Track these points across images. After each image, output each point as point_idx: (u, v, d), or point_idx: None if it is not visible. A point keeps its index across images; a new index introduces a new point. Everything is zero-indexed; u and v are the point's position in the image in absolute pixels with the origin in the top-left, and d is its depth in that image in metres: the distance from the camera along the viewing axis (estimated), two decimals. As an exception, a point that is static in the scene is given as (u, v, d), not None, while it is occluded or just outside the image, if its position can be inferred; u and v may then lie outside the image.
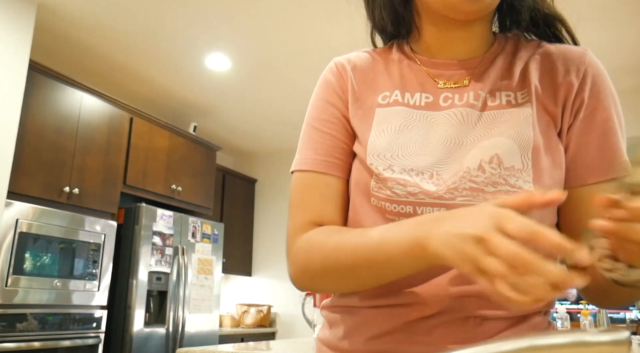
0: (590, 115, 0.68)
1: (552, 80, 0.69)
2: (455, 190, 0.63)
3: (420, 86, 0.73)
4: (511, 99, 0.68)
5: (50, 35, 3.23)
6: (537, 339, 0.34)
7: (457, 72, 0.72)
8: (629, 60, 3.61)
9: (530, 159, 0.63)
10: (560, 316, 2.36)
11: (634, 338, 1.79)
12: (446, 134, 0.67)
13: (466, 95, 0.70)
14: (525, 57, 0.72)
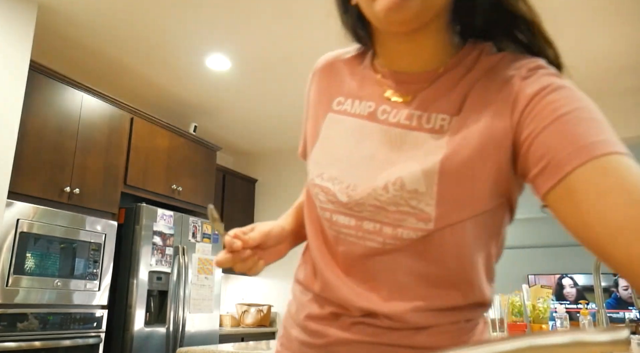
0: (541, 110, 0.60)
1: (491, 102, 0.65)
2: (362, 205, 0.68)
3: (369, 95, 0.75)
4: (444, 123, 0.67)
5: (50, 35, 3.23)
6: (536, 339, 0.34)
7: (404, 86, 0.72)
8: (629, 60, 3.62)
9: (435, 186, 0.63)
10: (559, 316, 2.36)
11: (633, 337, 1.79)
12: (372, 148, 0.71)
13: (401, 113, 0.71)
14: (473, 78, 0.68)
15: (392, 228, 0.66)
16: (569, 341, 0.33)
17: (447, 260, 0.66)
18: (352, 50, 0.86)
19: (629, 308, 8.37)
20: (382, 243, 0.67)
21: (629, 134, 4.14)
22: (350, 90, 0.78)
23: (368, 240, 0.68)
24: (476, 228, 0.65)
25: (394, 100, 0.72)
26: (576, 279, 9.01)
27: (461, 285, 0.68)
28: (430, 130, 0.67)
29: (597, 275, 1.73)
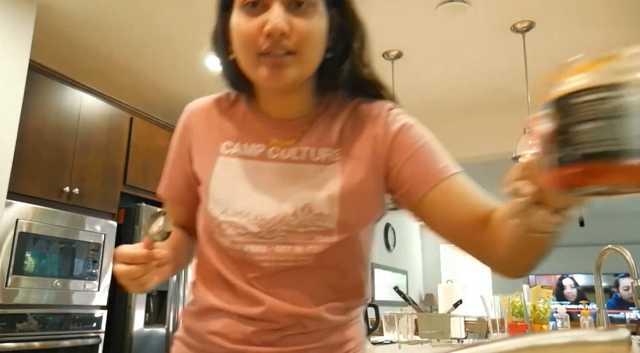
0: (403, 145, 0.81)
1: (364, 136, 0.83)
2: (274, 231, 0.79)
3: (256, 139, 0.85)
4: (329, 155, 0.82)
5: (50, 35, 3.23)
6: (537, 339, 0.34)
7: (286, 131, 0.84)
8: (629, 60, 3.61)
9: (337, 207, 0.78)
10: (560, 316, 2.36)
11: (634, 338, 1.79)
12: (271, 184, 0.81)
13: (291, 151, 0.83)
14: (343, 117, 0.85)
15: (302, 247, 0.78)
16: (569, 341, 0.33)
17: (346, 265, 0.82)
18: (223, 97, 0.91)
19: (630, 308, 8.36)
20: (295, 261, 0.79)
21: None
22: (236, 135, 0.86)
23: (281, 262, 0.79)
24: (365, 237, 0.84)
25: (278, 144, 0.84)
26: (577, 279, 9.01)
27: (357, 286, 0.85)
28: (318, 162, 0.82)
29: (597, 275, 1.72)
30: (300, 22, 0.75)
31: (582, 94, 0.44)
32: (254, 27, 0.75)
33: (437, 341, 1.97)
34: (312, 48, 0.77)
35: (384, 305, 5.35)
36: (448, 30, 3.21)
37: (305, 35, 0.75)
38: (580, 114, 0.44)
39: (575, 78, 0.45)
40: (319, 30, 0.77)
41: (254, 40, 0.75)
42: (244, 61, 0.78)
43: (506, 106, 4.37)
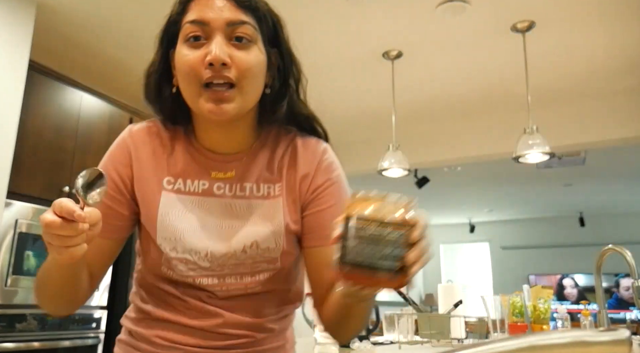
0: (322, 197, 0.89)
1: (297, 173, 0.89)
2: (223, 265, 0.85)
3: (199, 174, 0.87)
4: (270, 190, 0.88)
5: (50, 35, 3.22)
6: (537, 339, 0.34)
7: (227, 164, 0.88)
8: (629, 60, 3.61)
9: (282, 240, 0.86)
10: (560, 316, 2.35)
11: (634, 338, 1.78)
12: (218, 220, 0.86)
13: (235, 187, 0.87)
14: (281, 153, 0.90)
15: (250, 277, 0.86)
16: (569, 341, 0.33)
17: (290, 282, 0.92)
18: (162, 128, 0.91)
19: (630, 308, 8.36)
20: (244, 289, 0.87)
21: (629, 134, 4.14)
22: (178, 170, 0.88)
23: (232, 291, 0.86)
24: (299, 258, 0.92)
25: (221, 178, 0.87)
26: (577, 279, 9.01)
27: (298, 295, 0.95)
28: (262, 197, 0.88)
29: (598, 275, 1.72)
30: (240, 55, 0.79)
31: (354, 220, 0.61)
32: (196, 57, 0.78)
33: (437, 341, 1.97)
34: (252, 80, 0.81)
35: (384, 305, 5.35)
36: (448, 30, 3.21)
37: (245, 68, 0.79)
38: (351, 233, 0.61)
39: (357, 207, 0.63)
40: (258, 64, 0.82)
41: (197, 70, 0.78)
42: (187, 92, 0.81)
43: (506, 106, 4.37)
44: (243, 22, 0.80)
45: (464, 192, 7.71)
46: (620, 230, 8.52)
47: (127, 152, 0.88)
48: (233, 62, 0.78)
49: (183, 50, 0.81)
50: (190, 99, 0.81)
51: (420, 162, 4.82)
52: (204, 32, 0.79)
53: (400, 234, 0.61)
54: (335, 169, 0.92)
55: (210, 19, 0.79)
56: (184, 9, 0.84)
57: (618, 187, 7.26)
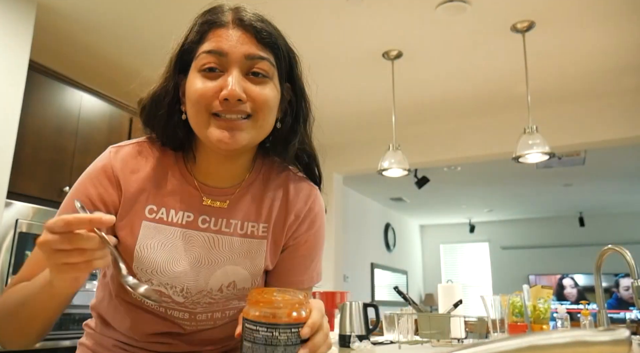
0: (298, 245, 0.90)
1: (287, 218, 0.89)
2: (198, 303, 0.85)
3: (185, 205, 0.84)
4: (255, 230, 0.87)
5: (50, 35, 3.22)
6: (537, 339, 0.34)
7: (220, 197, 0.86)
8: (629, 60, 3.61)
9: (259, 280, 0.88)
10: (560, 316, 2.35)
11: (634, 338, 1.78)
12: (199, 255, 0.84)
13: (220, 222, 0.85)
14: (272, 194, 0.89)
15: (221, 313, 0.87)
16: (569, 341, 0.33)
17: None
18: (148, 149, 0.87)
19: (630, 308, 8.36)
20: (213, 324, 0.88)
21: (629, 134, 4.14)
22: (164, 199, 0.84)
23: (201, 325, 0.88)
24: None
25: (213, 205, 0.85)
26: (577, 279, 9.00)
27: None
28: (245, 235, 0.86)
29: (597, 275, 1.72)
30: (256, 89, 0.77)
31: (248, 322, 0.64)
32: (210, 89, 0.76)
33: (437, 341, 1.97)
34: (267, 114, 0.79)
35: (384, 305, 5.35)
36: (448, 30, 3.21)
37: (261, 101, 0.77)
38: (246, 334, 0.64)
39: (252, 308, 0.64)
40: (272, 99, 0.80)
41: (209, 101, 0.76)
42: (195, 120, 0.78)
43: (506, 106, 4.37)
44: (261, 58, 0.78)
45: (464, 192, 7.71)
46: (620, 230, 8.52)
47: (113, 177, 0.83)
48: (249, 96, 0.76)
49: (197, 79, 0.78)
50: (198, 127, 0.79)
51: (420, 162, 4.82)
52: (221, 63, 0.77)
53: (292, 333, 0.63)
54: (319, 219, 0.93)
55: (228, 50, 0.77)
56: (201, 38, 0.81)
57: (618, 187, 7.25)
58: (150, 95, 0.87)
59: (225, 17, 0.80)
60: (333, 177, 5.23)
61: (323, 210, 0.94)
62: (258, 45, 0.78)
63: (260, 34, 0.78)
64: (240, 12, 0.80)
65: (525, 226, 9.52)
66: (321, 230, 0.93)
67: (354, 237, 7.14)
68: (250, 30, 0.78)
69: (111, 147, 0.87)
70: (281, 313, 0.63)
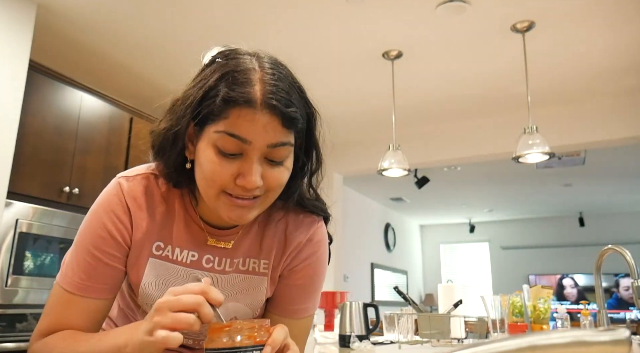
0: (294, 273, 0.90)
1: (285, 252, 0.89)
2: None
3: (190, 243, 0.85)
4: (256, 266, 0.88)
5: (50, 35, 3.22)
6: (537, 339, 0.34)
7: (224, 237, 0.86)
8: (629, 60, 3.61)
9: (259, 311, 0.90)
10: (560, 316, 2.35)
11: (634, 338, 1.78)
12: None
13: (224, 261, 0.86)
14: (272, 230, 0.89)
15: None
16: (569, 341, 0.33)
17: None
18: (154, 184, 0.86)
19: (630, 308, 8.36)
20: None
21: (629, 134, 4.14)
22: (171, 236, 0.84)
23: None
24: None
25: (217, 246, 0.86)
26: (577, 279, 9.00)
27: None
28: (246, 271, 0.88)
29: (597, 275, 1.72)
30: (273, 174, 0.75)
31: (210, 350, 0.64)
32: (227, 172, 0.73)
33: (437, 341, 1.97)
34: (278, 192, 0.78)
35: (384, 305, 5.34)
36: (448, 30, 3.21)
37: (275, 185, 0.76)
38: None
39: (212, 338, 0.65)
40: (286, 178, 0.78)
41: (224, 181, 0.73)
42: (204, 191, 0.76)
43: (506, 106, 4.37)
44: (283, 144, 0.74)
45: (464, 192, 7.71)
46: (620, 230, 8.52)
47: (125, 209, 0.82)
48: (264, 181, 0.74)
49: (213, 156, 0.73)
50: (206, 197, 0.77)
51: (420, 162, 4.82)
52: (241, 148, 0.72)
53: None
54: (319, 249, 0.91)
55: (252, 139, 0.71)
56: (224, 108, 0.73)
57: (618, 187, 7.25)
58: (161, 135, 0.82)
59: (254, 92, 0.72)
60: (333, 177, 5.23)
61: (325, 241, 0.93)
62: (283, 129, 0.73)
63: (287, 117, 0.73)
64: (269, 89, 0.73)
65: (525, 226, 9.52)
66: (321, 259, 0.92)
67: (354, 237, 7.14)
68: (278, 115, 0.72)
69: (119, 178, 0.87)
70: (242, 337, 0.64)
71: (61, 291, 0.80)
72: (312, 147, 0.85)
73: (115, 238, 0.81)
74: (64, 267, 0.82)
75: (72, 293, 0.79)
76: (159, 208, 0.84)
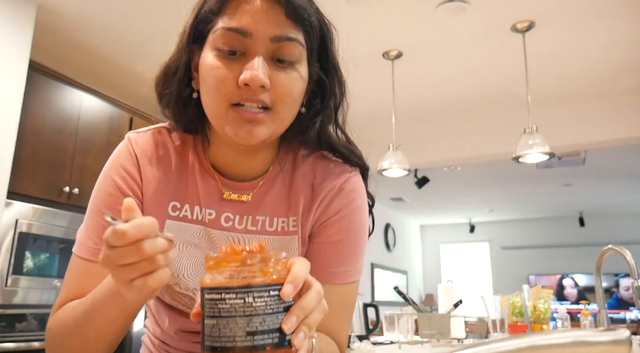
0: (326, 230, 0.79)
1: (313, 205, 0.79)
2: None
3: (207, 200, 0.77)
4: (285, 225, 0.78)
5: (50, 35, 3.22)
6: (537, 339, 0.34)
7: (241, 190, 0.77)
8: (629, 60, 3.61)
9: None
10: (560, 316, 2.35)
11: (634, 338, 1.78)
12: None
13: (245, 219, 0.77)
14: (299, 183, 0.80)
15: None
16: (569, 341, 0.33)
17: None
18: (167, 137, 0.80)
19: (630, 308, 8.36)
20: None
21: (629, 134, 4.14)
22: (186, 193, 0.76)
23: None
24: None
25: (234, 199, 0.77)
26: (577, 279, 9.00)
27: None
28: (275, 232, 0.78)
29: (598, 275, 1.72)
30: (282, 77, 0.68)
31: (208, 291, 0.48)
32: (229, 74, 0.67)
33: (437, 341, 1.97)
34: (290, 106, 0.71)
35: (384, 305, 5.35)
36: (448, 30, 3.21)
37: (284, 93, 0.68)
38: (207, 309, 0.48)
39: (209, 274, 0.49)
40: (298, 87, 0.71)
41: (228, 88, 0.67)
42: (211, 109, 0.70)
43: (506, 106, 4.37)
44: (290, 39, 0.68)
45: (464, 192, 7.71)
46: (620, 230, 8.52)
47: (135, 161, 0.77)
48: (272, 85, 0.67)
49: (213, 60, 0.68)
50: (213, 117, 0.71)
51: (420, 162, 4.82)
52: (242, 44, 0.67)
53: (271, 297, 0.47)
54: (353, 200, 0.80)
55: (252, 30, 0.66)
56: (222, 6, 0.69)
57: (618, 187, 7.25)
58: (162, 69, 0.78)
59: None
60: (333, 177, 5.23)
61: (361, 192, 0.81)
62: (287, 22, 0.67)
63: (292, 7, 0.67)
64: None
65: (526, 226, 9.52)
66: (357, 212, 0.80)
67: (354, 237, 7.13)
68: (280, 2, 0.66)
69: (129, 134, 0.80)
70: (254, 272, 0.47)
71: (76, 260, 0.74)
72: (332, 69, 0.76)
73: (126, 194, 0.75)
74: (78, 236, 0.76)
75: (87, 260, 0.73)
76: (172, 164, 0.77)
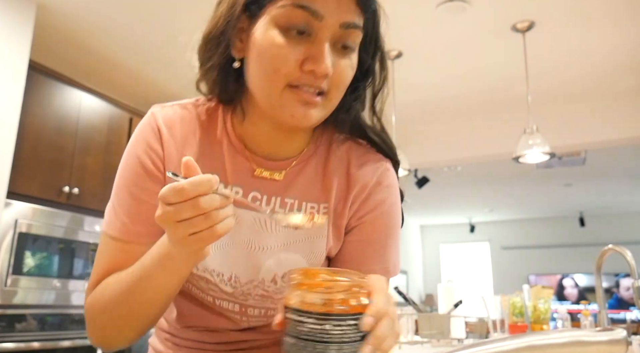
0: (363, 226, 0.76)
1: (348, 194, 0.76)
2: (249, 295, 0.75)
3: (234, 177, 0.73)
4: (315, 211, 0.75)
5: (50, 35, 3.22)
6: (536, 339, 0.34)
7: (274, 168, 0.74)
8: (629, 60, 3.61)
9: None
10: (560, 316, 2.35)
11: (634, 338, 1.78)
12: (247, 238, 0.73)
13: (274, 200, 0.73)
14: (333, 167, 0.76)
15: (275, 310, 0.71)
16: (568, 341, 0.33)
17: None
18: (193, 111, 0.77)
19: (630, 308, 8.36)
20: (266, 321, 0.77)
21: (629, 134, 4.14)
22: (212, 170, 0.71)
23: (253, 321, 0.77)
24: None
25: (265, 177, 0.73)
26: (577, 280, 9.00)
27: None
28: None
29: (598, 275, 1.72)
30: (341, 65, 0.66)
31: (291, 311, 0.51)
32: (293, 57, 0.63)
33: (437, 341, 1.97)
34: (342, 92, 0.69)
35: (384, 305, 5.34)
36: (448, 30, 3.21)
37: (341, 80, 0.67)
38: (289, 328, 0.51)
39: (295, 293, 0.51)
40: (351, 75, 0.69)
41: (289, 69, 0.64)
42: (264, 86, 0.66)
43: (506, 106, 4.37)
44: (356, 26, 0.66)
45: (464, 192, 7.71)
46: (620, 230, 8.52)
47: (157, 136, 0.73)
48: (333, 73, 0.65)
49: (277, 36, 0.64)
50: (264, 95, 0.67)
51: (420, 162, 4.82)
52: (309, 25, 0.63)
53: (349, 326, 0.49)
54: (389, 195, 0.77)
55: (325, 12, 0.63)
56: None
57: (618, 187, 7.25)
58: (204, 36, 0.74)
59: None
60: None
61: (395, 186, 0.79)
62: (356, 8, 0.65)
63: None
64: None
65: (526, 226, 9.52)
66: (393, 209, 0.77)
67: (354, 237, 7.14)
68: None
69: (153, 108, 0.77)
70: (334, 300, 0.49)
71: (107, 239, 0.72)
72: (379, 51, 0.73)
73: (151, 171, 0.72)
74: (107, 214, 0.75)
75: (117, 240, 0.71)
76: (197, 139, 0.74)
